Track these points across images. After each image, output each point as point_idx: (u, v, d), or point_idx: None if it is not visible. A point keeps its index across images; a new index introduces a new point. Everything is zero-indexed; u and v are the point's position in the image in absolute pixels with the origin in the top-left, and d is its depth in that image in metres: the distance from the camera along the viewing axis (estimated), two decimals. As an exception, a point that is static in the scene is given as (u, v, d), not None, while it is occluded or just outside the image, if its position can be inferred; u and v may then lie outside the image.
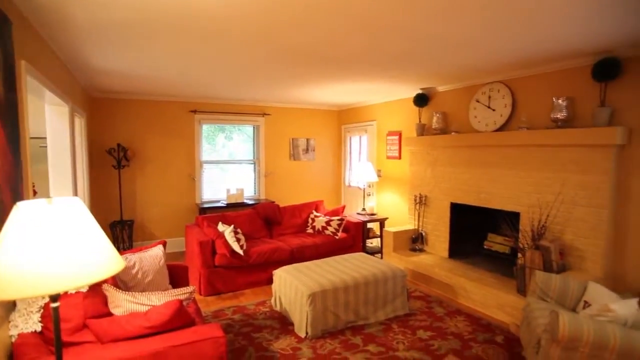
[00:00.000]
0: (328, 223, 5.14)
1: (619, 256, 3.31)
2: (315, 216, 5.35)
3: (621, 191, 3.27)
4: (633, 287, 3.19)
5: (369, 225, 5.79)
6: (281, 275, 3.66)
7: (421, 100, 5.15)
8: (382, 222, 5.65)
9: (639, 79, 3.13)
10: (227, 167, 6.62)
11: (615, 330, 2.02)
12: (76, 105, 4.04)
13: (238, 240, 4.33)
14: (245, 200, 6.27)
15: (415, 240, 5.04)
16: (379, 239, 5.79)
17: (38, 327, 1.84)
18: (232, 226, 4.43)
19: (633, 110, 3.18)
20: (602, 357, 2.02)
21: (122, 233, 5.44)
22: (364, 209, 5.87)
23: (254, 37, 2.85)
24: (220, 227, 4.52)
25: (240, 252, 4.26)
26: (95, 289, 2.10)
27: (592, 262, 3.35)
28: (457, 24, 2.55)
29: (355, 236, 5.22)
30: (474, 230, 4.76)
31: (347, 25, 2.58)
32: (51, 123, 3.57)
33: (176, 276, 3.21)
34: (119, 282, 2.58)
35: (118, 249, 5.40)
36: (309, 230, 5.31)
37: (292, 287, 3.42)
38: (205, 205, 6.00)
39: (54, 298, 1.23)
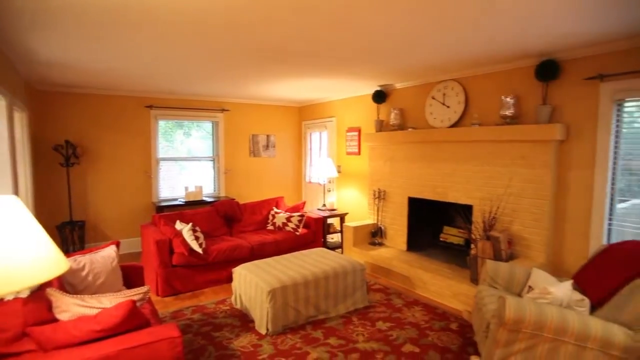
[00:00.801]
0: (288, 219, 5.14)
1: (559, 244, 3.56)
2: (276, 213, 5.33)
3: (561, 184, 3.51)
4: (570, 271, 3.44)
5: (330, 220, 5.85)
6: (241, 272, 3.62)
7: (379, 96, 5.25)
8: (342, 218, 5.73)
9: (575, 80, 3.38)
10: (186, 165, 6.44)
11: (553, 310, 2.18)
12: (16, 98, 3.76)
13: (197, 238, 4.24)
14: (204, 198, 6.14)
15: (375, 235, 5.16)
16: (339, 234, 5.86)
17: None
18: (191, 224, 4.33)
19: (570, 108, 3.42)
20: (541, 336, 2.17)
21: (72, 235, 5.16)
22: (324, 205, 5.92)
23: (215, 32, 2.79)
24: (178, 225, 4.40)
25: (199, 250, 4.17)
26: (39, 294, 1.99)
27: (537, 250, 3.58)
28: (413, 22, 2.62)
29: (316, 232, 5.26)
30: (431, 223, 4.94)
31: (313, 22, 2.58)
32: (-15, 118, 3.30)
33: (131, 277, 3.10)
34: (67, 285, 2.45)
35: (67, 251, 5.11)
36: (270, 227, 5.29)
37: (252, 284, 3.40)
38: (163, 204, 5.81)
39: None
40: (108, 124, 5.63)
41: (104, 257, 2.69)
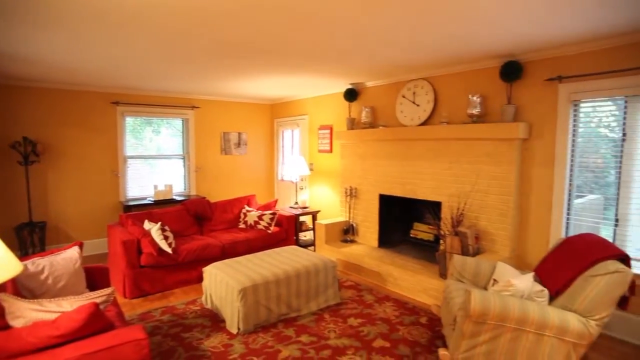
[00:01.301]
0: (260, 217, 5.11)
1: (522, 238, 3.70)
2: (247, 211, 5.28)
3: (524, 180, 3.65)
4: (533, 264, 3.59)
5: (302, 218, 5.85)
6: (211, 271, 3.57)
7: (351, 95, 5.29)
8: (314, 215, 5.74)
9: (536, 81, 3.52)
10: (156, 163, 6.27)
11: (515, 302, 2.27)
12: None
13: (166, 238, 4.14)
14: (174, 197, 6.00)
15: (347, 232, 5.20)
16: (311, 231, 5.87)
17: None
18: (160, 224, 4.22)
19: (532, 108, 3.56)
20: (504, 327, 2.25)
21: (32, 236, 4.92)
22: (296, 203, 5.91)
23: (183, 27, 2.73)
24: (147, 225, 4.28)
25: (169, 250, 4.08)
26: (-7, 299, 1.88)
27: (501, 244, 3.71)
28: (384, 22, 2.65)
29: (288, 230, 5.25)
30: (402, 220, 5.02)
31: (279, 18, 2.56)
32: None
33: (95, 279, 2.98)
34: (24, 290, 2.33)
35: (27, 254, 4.87)
36: (241, 226, 5.23)
37: (223, 283, 3.36)
38: (131, 203, 5.64)
39: None
40: (71, 120, 5.39)
41: (66, 259, 2.58)
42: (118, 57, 3.71)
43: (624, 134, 3.09)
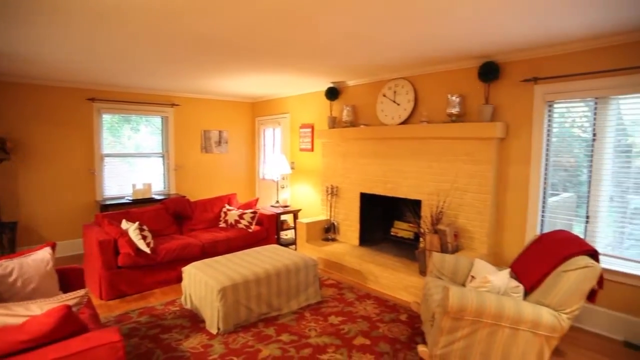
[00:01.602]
0: (241, 216, 5.06)
1: (499, 235, 3.78)
2: (228, 210, 5.22)
3: (501, 179, 3.73)
4: (509, 260, 3.68)
5: (283, 217, 5.83)
6: (191, 271, 3.52)
7: (332, 93, 5.29)
8: (295, 214, 5.73)
9: (513, 82, 3.60)
10: (135, 161, 6.14)
11: (491, 298, 2.32)
12: None
13: (144, 237, 4.06)
14: (153, 196, 5.89)
15: (328, 230, 5.21)
16: (293, 230, 5.86)
17: None
18: (137, 223, 4.13)
19: (509, 108, 3.64)
20: (481, 322, 2.30)
21: (1, 238, 4.74)
22: (277, 202, 5.88)
23: (159, 22, 2.67)
24: (124, 224, 4.19)
25: (147, 250, 4.00)
26: (-42, 302, 1.81)
27: (479, 241, 3.78)
28: (364, 21, 2.66)
29: (269, 229, 5.22)
30: (382, 219, 5.06)
31: (257, 15, 2.54)
32: None
33: (69, 281, 2.89)
34: (-7, 292, 2.25)
35: (-2, 255, 4.70)
36: (222, 225, 5.17)
37: (202, 282, 3.31)
38: (108, 202, 5.50)
39: None
40: (43, 117, 5.22)
41: (37, 260, 2.50)
42: (92, 52, 3.61)
43: (594, 135, 3.19)
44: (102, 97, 5.61)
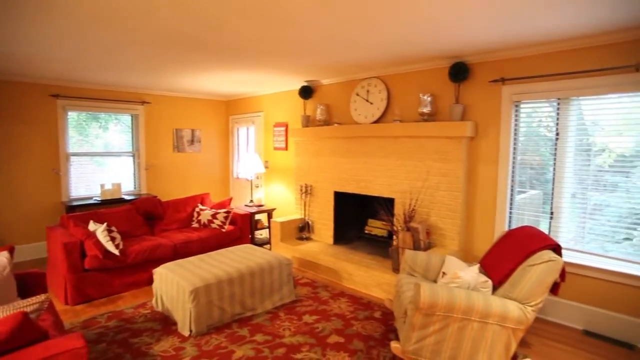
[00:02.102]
0: (214, 216, 4.98)
1: (470, 231, 3.87)
2: (201, 210, 5.13)
3: (471, 177, 3.83)
4: (479, 256, 3.77)
5: (257, 216, 5.78)
6: (162, 272, 3.43)
7: (306, 92, 5.28)
8: (269, 213, 5.69)
9: (482, 82, 3.69)
10: (104, 160, 5.93)
11: (461, 293, 2.37)
12: None
13: (113, 239, 3.93)
14: (123, 196, 5.71)
15: (302, 229, 5.20)
16: (267, 229, 5.82)
17: None
18: (106, 224, 4.00)
19: (478, 107, 3.73)
20: (452, 317, 2.35)
21: (-41, 241, 4.49)
22: (251, 201, 5.83)
23: (124, 14, 2.58)
24: (92, 226, 4.04)
25: (116, 252, 3.88)
26: None
27: (451, 238, 3.86)
28: (336, 21, 2.66)
29: (243, 228, 5.17)
30: (356, 217, 5.10)
31: (230, 12, 2.49)
32: None
33: (29, 286, 2.77)
34: (-54, 299, 2.12)
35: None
36: (195, 225, 5.08)
37: (174, 284, 3.24)
38: (75, 203, 5.30)
39: None
40: (2, 114, 4.95)
41: (-5, 264, 2.37)
42: (52, 45, 3.43)
43: (557, 134, 3.32)
44: (67, 94, 5.39)
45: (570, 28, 2.79)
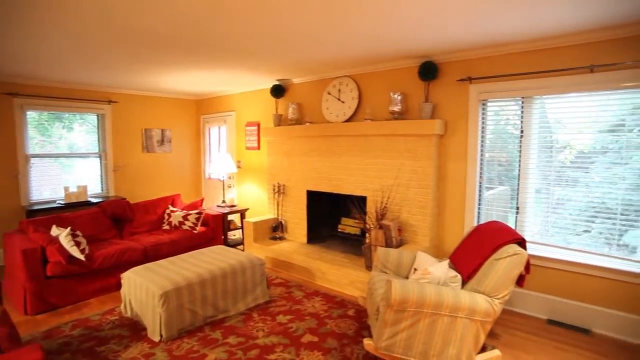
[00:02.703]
0: (185, 217, 4.88)
1: (440, 228, 3.95)
2: (172, 211, 5.01)
3: (441, 174, 3.90)
4: (449, 251, 3.86)
5: (230, 217, 5.70)
6: (130, 277, 3.32)
7: (278, 91, 5.25)
8: (242, 213, 5.62)
9: (450, 81, 3.77)
10: (69, 162, 5.68)
11: (431, 289, 2.41)
12: None
13: (78, 244, 3.78)
14: (89, 199, 5.49)
15: (276, 229, 5.16)
16: (240, 230, 5.74)
17: None
18: (69, 228, 3.84)
19: (447, 106, 3.81)
20: (422, 312, 2.38)
21: None
22: (224, 201, 5.74)
23: (88, 9, 2.47)
24: (55, 230, 3.88)
25: (81, 257, 3.72)
26: None
27: (422, 235, 3.93)
28: (306, 19, 2.65)
29: (215, 229, 5.08)
30: (330, 216, 5.11)
31: (198, 9, 2.44)
32: None
33: (-15, 295, 2.63)
34: None
35: None
36: (165, 227, 4.95)
37: (143, 288, 3.14)
38: (36, 207, 5.06)
39: None
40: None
41: (-55, 273, 2.23)
42: (9, 40, 3.27)
43: (522, 131, 3.43)
44: (25, 92, 5.13)
45: (529, 29, 2.89)
